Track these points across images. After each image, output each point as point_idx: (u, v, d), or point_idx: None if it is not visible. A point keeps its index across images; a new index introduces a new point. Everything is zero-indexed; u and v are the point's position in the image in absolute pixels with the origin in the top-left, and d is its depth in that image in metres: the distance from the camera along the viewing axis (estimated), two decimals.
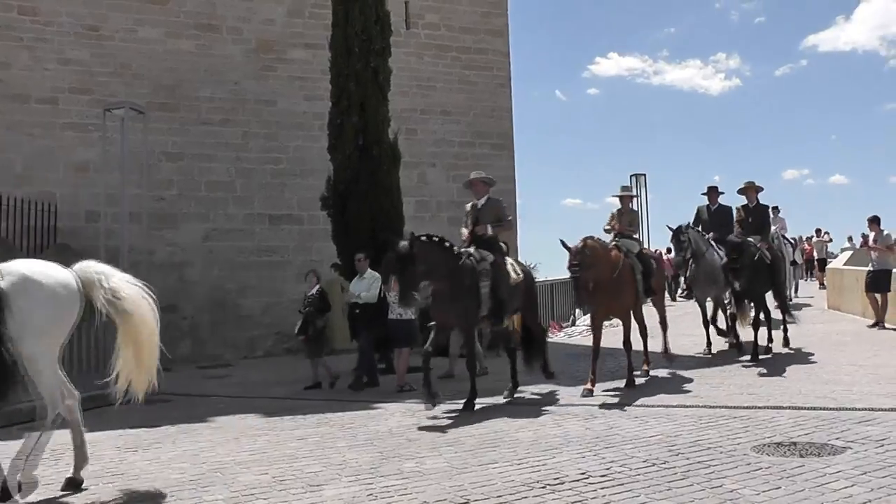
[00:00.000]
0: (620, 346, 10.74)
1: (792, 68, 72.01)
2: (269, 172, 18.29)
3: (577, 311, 23.02)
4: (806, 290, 26.16)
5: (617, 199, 12.91)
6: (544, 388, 10.77)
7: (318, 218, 15.98)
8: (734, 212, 13.94)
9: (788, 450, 6.81)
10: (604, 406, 9.29)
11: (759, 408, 8.72)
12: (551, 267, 17.63)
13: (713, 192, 14.52)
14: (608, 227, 12.28)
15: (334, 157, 14.86)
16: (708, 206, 14.44)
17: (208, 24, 18.23)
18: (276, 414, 9.64)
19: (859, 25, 71.57)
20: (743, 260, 12.22)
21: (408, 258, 9.28)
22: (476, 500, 5.70)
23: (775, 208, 20.20)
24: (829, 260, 28.48)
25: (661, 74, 72.46)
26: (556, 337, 18.87)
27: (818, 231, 31.32)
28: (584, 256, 9.98)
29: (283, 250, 18.21)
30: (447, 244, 9.83)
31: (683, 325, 16.40)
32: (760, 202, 13.79)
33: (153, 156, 16.66)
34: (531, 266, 12.02)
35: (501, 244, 10.50)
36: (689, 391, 10.12)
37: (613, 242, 11.48)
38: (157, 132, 16.67)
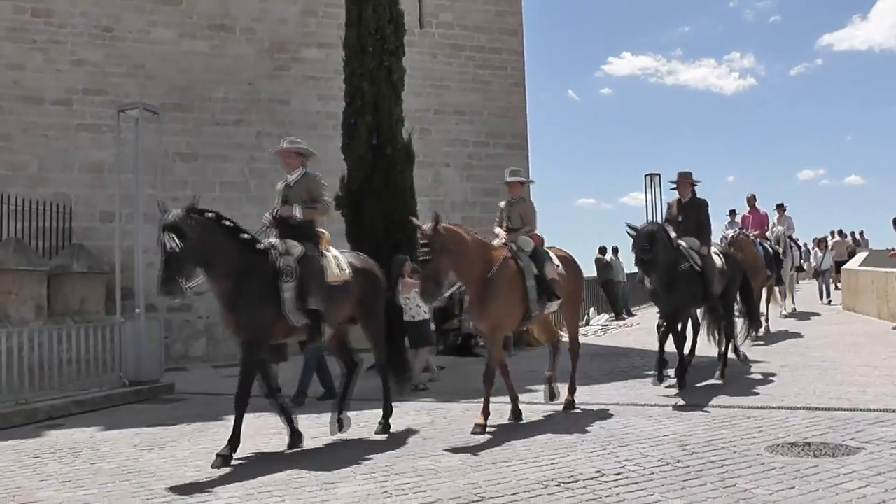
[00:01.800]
0: (634, 345, 10.66)
1: (807, 67, 71.74)
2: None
3: (591, 310, 23.08)
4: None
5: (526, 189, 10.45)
6: (558, 386, 10.78)
7: (332, 217, 15.97)
8: (673, 207, 11.63)
9: (802, 450, 6.81)
10: (618, 405, 9.30)
11: (773, 408, 8.71)
12: None
13: (684, 180, 11.77)
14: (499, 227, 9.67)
15: (348, 156, 14.86)
16: (679, 199, 11.75)
17: (222, 25, 18.27)
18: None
19: (876, 24, 71.22)
20: (655, 251, 9.85)
21: (181, 233, 7.25)
22: (490, 498, 5.73)
23: (780, 206, 19.66)
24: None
25: (675, 74, 72.33)
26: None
27: (839, 232, 30.72)
28: (438, 239, 8.03)
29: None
30: (238, 229, 7.85)
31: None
32: (697, 196, 11.44)
33: (167, 156, 16.72)
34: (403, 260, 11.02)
35: (322, 232, 8.52)
36: (702, 391, 10.11)
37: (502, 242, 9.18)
38: (171, 133, 16.73)
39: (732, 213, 19.96)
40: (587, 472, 6.34)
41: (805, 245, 24.08)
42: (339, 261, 8.31)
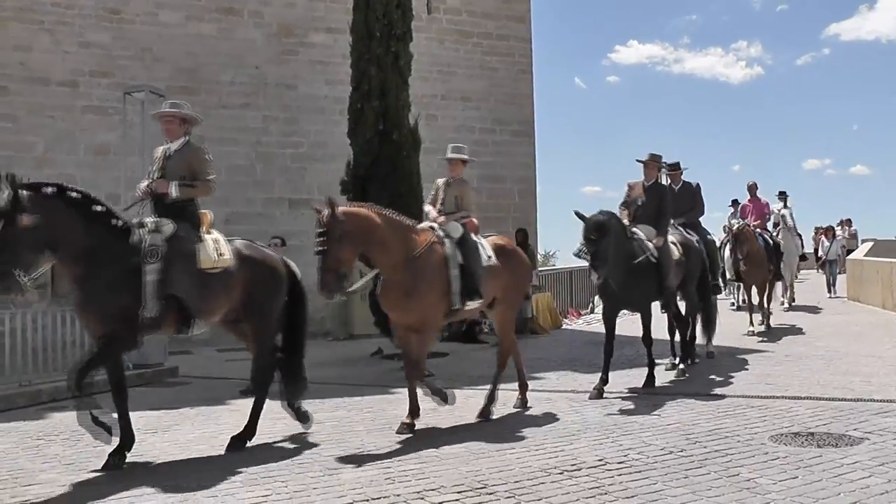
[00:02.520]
0: (640, 333, 10.53)
1: (814, 57, 71.59)
2: (289, 157, 18.32)
3: (597, 297, 23.09)
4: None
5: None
6: (562, 374, 10.78)
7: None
8: (634, 189, 10.53)
9: (806, 440, 6.81)
10: (622, 393, 9.30)
11: (777, 397, 8.71)
12: (570, 254, 17.64)
13: (675, 170, 12.44)
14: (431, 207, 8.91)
15: (354, 141, 14.86)
16: (670, 185, 11.90)
17: (229, 8, 18.21)
18: None
19: (883, 14, 71.01)
20: (604, 244, 8.90)
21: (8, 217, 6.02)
22: (493, 485, 5.73)
23: (782, 194, 19.02)
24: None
25: (682, 62, 72.17)
26: (574, 325, 18.92)
27: (848, 222, 29.91)
28: (337, 225, 7.35)
29: (302, 234, 18.14)
30: (89, 201, 6.88)
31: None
32: (661, 182, 10.80)
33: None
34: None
35: (204, 213, 7.57)
36: (706, 380, 10.11)
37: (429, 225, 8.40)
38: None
39: (735, 203, 19.22)
40: (590, 460, 6.34)
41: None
42: (219, 245, 7.23)
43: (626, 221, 9.74)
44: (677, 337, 10.91)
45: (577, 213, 9.14)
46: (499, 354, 8.88)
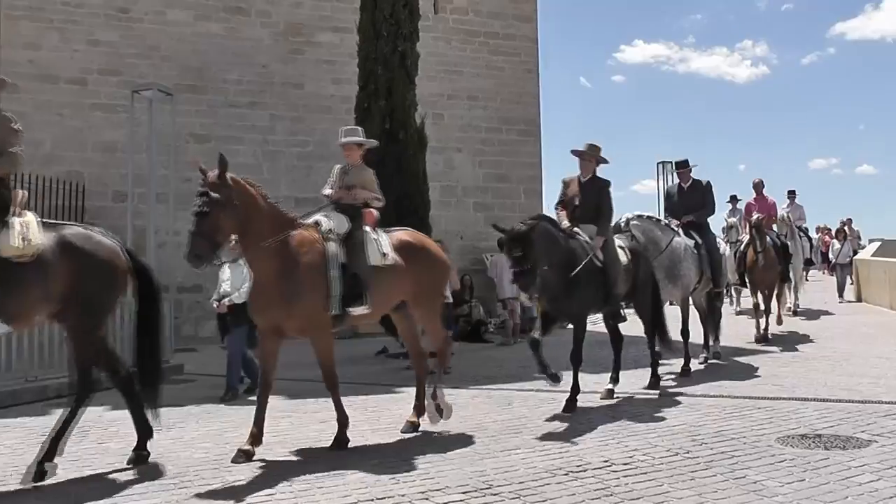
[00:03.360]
0: (640, 333, 10.45)
1: (819, 56, 71.22)
2: (295, 155, 18.32)
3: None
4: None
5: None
6: (566, 375, 10.74)
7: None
8: (570, 185, 9.44)
9: (813, 442, 6.79)
10: (627, 394, 9.27)
11: (784, 399, 8.69)
12: None
13: (683, 167, 12.11)
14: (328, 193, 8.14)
15: None
16: (679, 184, 12.10)
17: (237, 7, 18.24)
18: (299, 396, 9.67)
19: (889, 13, 70.70)
20: (532, 258, 7.86)
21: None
22: (498, 486, 5.71)
23: (791, 192, 18.47)
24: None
25: (687, 62, 71.91)
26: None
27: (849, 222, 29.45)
28: (223, 190, 6.65)
29: None
30: None
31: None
32: (598, 176, 9.38)
33: (180, 137, 16.70)
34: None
35: (16, 192, 6.64)
36: (712, 381, 10.07)
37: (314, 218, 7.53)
38: (185, 114, 16.72)
39: (734, 199, 18.37)
40: (596, 461, 6.32)
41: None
42: (27, 230, 6.18)
43: (564, 223, 8.93)
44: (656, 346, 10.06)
45: (495, 226, 8.24)
46: (436, 365, 8.23)
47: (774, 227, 16.34)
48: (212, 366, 12.06)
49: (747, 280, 14.46)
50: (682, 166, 12.10)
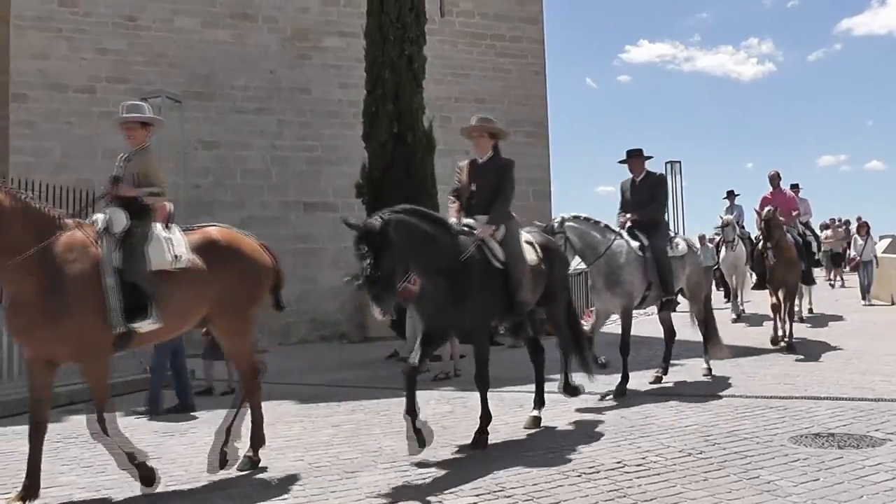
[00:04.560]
0: (656, 334, 10.42)
1: (826, 53, 70.97)
2: (303, 160, 18.36)
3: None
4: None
5: None
6: (577, 376, 10.73)
7: (353, 206, 16.01)
8: (463, 172, 7.92)
9: (826, 441, 6.75)
10: (638, 395, 9.26)
11: (796, 398, 8.65)
12: None
13: (635, 158, 10.35)
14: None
15: (369, 144, 14.91)
16: (632, 178, 10.39)
17: (244, 14, 18.30)
18: (310, 401, 9.69)
19: (895, 8, 70.45)
20: (386, 262, 6.32)
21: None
22: (511, 488, 5.71)
23: (795, 186, 16.87)
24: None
25: (693, 61, 71.71)
26: (588, 325, 18.85)
27: (844, 221, 28.05)
28: None
29: (317, 238, 18.26)
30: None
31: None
32: (502, 156, 8.04)
33: (189, 144, 16.79)
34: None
35: None
36: (724, 381, 10.04)
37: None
38: (194, 121, 16.79)
39: (731, 194, 17.50)
40: (608, 462, 6.31)
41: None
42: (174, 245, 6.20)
43: (453, 216, 7.54)
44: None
45: (346, 222, 6.72)
46: (246, 390, 6.98)
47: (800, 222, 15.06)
48: (223, 372, 12.04)
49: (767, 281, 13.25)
50: (633, 155, 10.39)
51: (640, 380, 10.20)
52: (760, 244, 13.05)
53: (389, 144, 14.36)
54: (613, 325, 11.72)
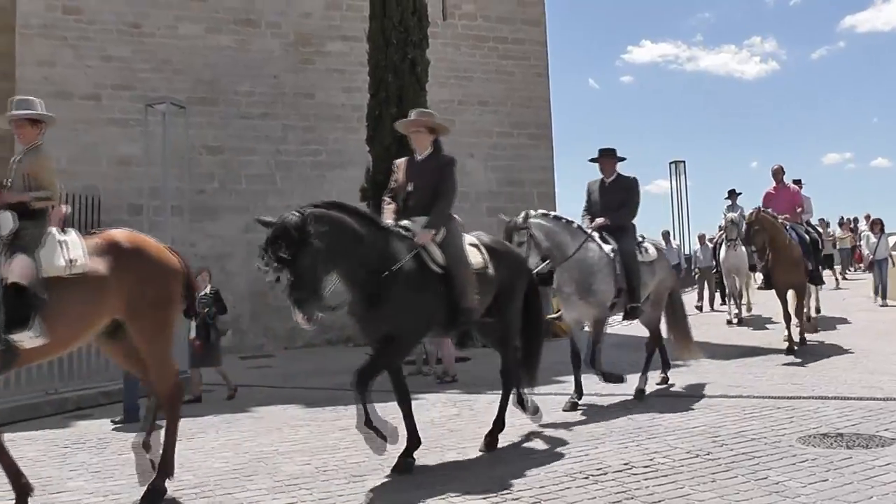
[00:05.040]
0: (663, 335, 10.28)
1: (829, 50, 70.74)
2: (308, 164, 18.39)
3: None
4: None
5: None
6: (584, 377, 10.72)
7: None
8: (399, 171, 7.50)
9: (835, 441, 6.73)
10: (645, 397, 9.24)
11: (804, 398, 8.62)
12: None
13: (607, 158, 9.72)
14: None
15: (373, 148, 14.92)
16: (601, 179, 9.77)
17: (247, 20, 18.35)
18: (317, 405, 9.69)
19: None
20: (304, 264, 5.84)
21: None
22: (519, 491, 5.70)
23: (797, 182, 15.76)
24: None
25: (696, 60, 71.60)
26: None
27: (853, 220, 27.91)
28: None
29: None
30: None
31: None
32: (444, 153, 7.47)
33: (194, 149, 16.81)
34: None
35: None
36: (731, 381, 10.01)
37: None
38: (198, 126, 16.80)
39: (732, 193, 16.84)
40: (616, 464, 6.30)
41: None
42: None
43: (388, 218, 7.01)
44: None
45: (259, 220, 6.11)
46: (165, 411, 6.25)
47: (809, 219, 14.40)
48: (229, 376, 12.10)
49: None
50: (606, 155, 9.76)
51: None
52: (746, 246, 12.66)
53: (393, 148, 14.32)
54: (622, 327, 11.63)
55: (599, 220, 9.33)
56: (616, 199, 9.52)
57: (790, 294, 12.39)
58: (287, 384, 12.25)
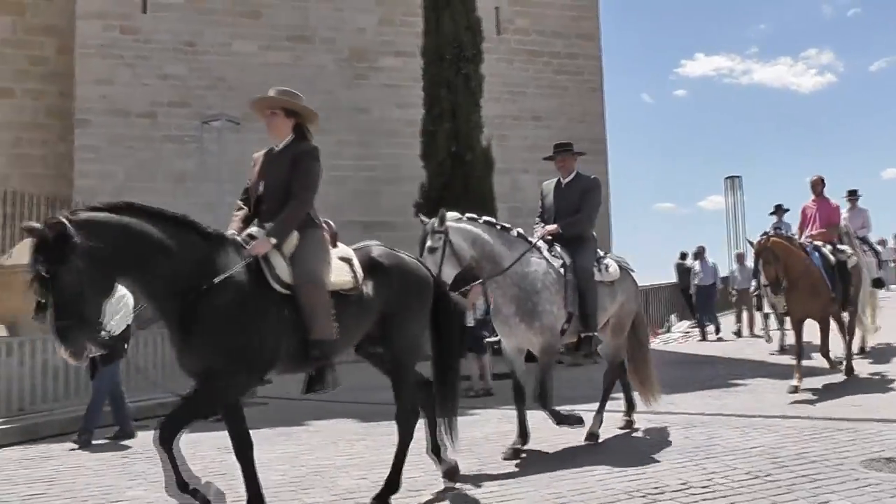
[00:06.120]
0: (716, 353, 10.19)
1: (889, 62, 69.52)
2: (362, 180, 18.50)
3: (672, 316, 22.71)
4: None
5: None
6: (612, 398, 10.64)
7: (412, 224, 16.04)
8: (255, 166, 6.32)
9: None
10: (702, 415, 9.12)
11: (866, 420, 8.42)
12: (646, 272, 17.26)
13: (563, 155, 8.57)
14: None
15: (427, 163, 15.00)
16: (558, 180, 8.54)
17: (301, 36, 18.56)
18: (372, 419, 9.71)
19: None
20: (64, 285, 4.53)
21: None
22: None
23: (852, 194, 14.52)
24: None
25: (750, 74, 70.87)
26: (650, 344, 18.69)
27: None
28: None
29: None
30: None
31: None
32: (307, 146, 6.07)
33: (248, 165, 17.01)
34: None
35: None
36: (789, 402, 9.84)
37: None
38: (253, 142, 16.89)
39: (779, 209, 15.05)
40: (673, 483, 6.22)
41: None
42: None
43: (234, 226, 5.78)
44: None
45: (24, 227, 4.79)
46: None
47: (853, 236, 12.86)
48: (284, 388, 12.14)
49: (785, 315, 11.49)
50: (562, 151, 8.62)
51: (702, 399, 10.08)
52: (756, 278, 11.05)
53: (448, 163, 14.42)
54: (673, 345, 11.47)
55: (549, 228, 8.04)
56: (574, 204, 8.21)
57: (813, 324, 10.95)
58: (343, 398, 12.27)
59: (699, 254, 19.98)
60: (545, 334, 7.50)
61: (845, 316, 11.70)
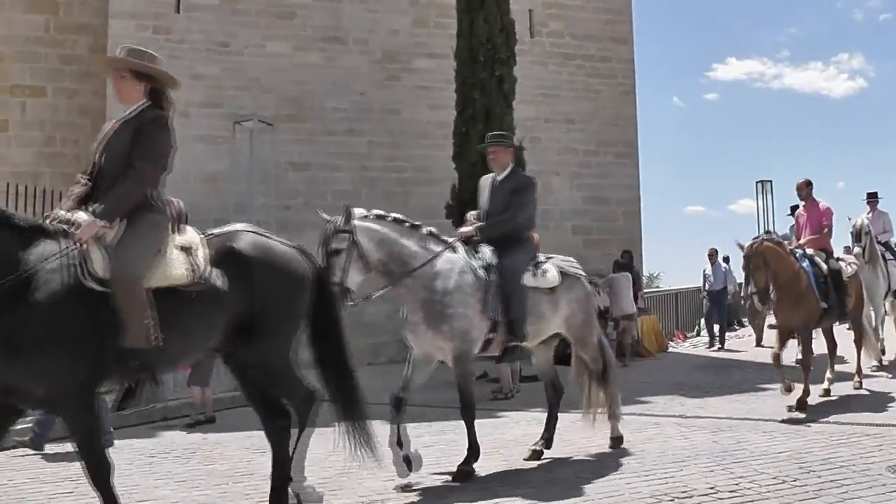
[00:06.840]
0: (747, 357, 10.11)
1: None
2: (393, 181, 18.53)
3: (702, 321, 22.56)
4: None
5: None
6: (669, 398, 10.59)
7: (443, 226, 16.08)
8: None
9: None
10: (731, 419, 9.08)
11: (893, 426, 8.36)
12: (676, 275, 17.12)
13: (496, 147, 7.99)
14: None
15: (459, 165, 15.00)
16: (493, 176, 7.89)
17: (334, 37, 18.61)
18: (401, 421, 9.72)
19: None
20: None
21: None
22: None
23: (872, 195, 13.82)
24: None
25: (781, 78, 70.33)
26: (679, 348, 18.61)
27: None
28: None
29: None
30: None
31: None
32: (154, 112, 5.58)
33: (280, 166, 17.10)
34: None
35: None
36: (817, 407, 9.74)
37: None
38: (284, 143, 17.10)
39: (795, 210, 12.61)
40: (701, 487, 6.20)
41: None
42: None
43: (64, 206, 4.97)
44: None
45: None
46: None
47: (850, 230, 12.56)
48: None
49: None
50: (494, 143, 8.10)
51: (731, 404, 10.02)
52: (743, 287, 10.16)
53: (479, 165, 14.38)
54: (703, 349, 11.39)
55: (464, 230, 7.50)
56: (504, 203, 7.47)
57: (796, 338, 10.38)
58: (369, 400, 12.29)
59: (711, 256, 19.14)
60: (455, 340, 6.76)
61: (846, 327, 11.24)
